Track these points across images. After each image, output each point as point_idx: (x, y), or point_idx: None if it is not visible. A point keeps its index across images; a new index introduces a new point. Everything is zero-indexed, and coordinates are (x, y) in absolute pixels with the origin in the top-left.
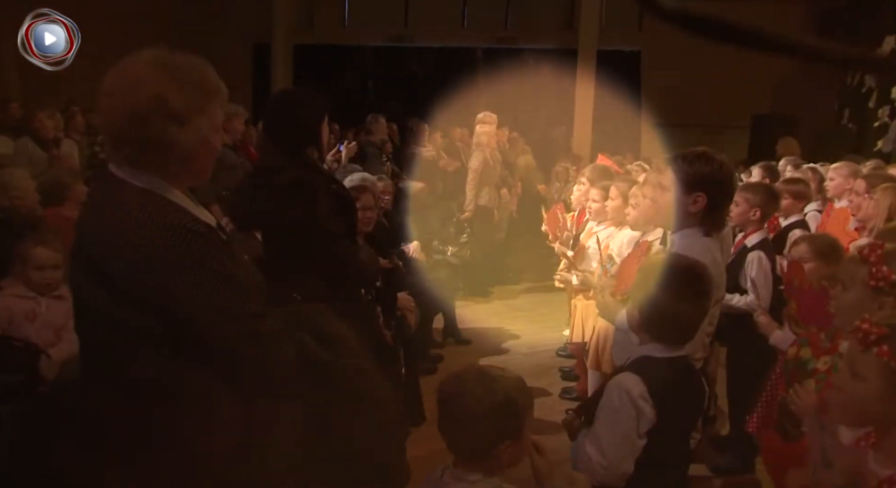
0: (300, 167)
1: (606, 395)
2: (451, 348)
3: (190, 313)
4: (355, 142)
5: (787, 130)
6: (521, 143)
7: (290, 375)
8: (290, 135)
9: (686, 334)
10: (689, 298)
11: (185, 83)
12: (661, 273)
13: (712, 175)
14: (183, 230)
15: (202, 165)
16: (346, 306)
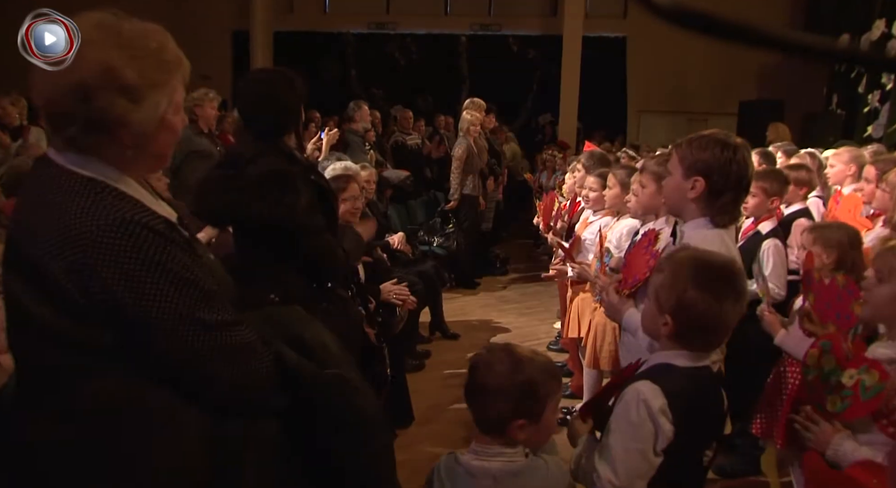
0: (276, 156)
1: (623, 406)
2: (438, 343)
3: (146, 323)
4: (337, 130)
5: (775, 116)
6: (505, 131)
7: (265, 390)
8: (266, 120)
9: (721, 339)
10: (731, 299)
11: (139, 52)
12: (694, 271)
13: (712, 158)
14: (136, 226)
15: (160, 149)
16: (328, 306)
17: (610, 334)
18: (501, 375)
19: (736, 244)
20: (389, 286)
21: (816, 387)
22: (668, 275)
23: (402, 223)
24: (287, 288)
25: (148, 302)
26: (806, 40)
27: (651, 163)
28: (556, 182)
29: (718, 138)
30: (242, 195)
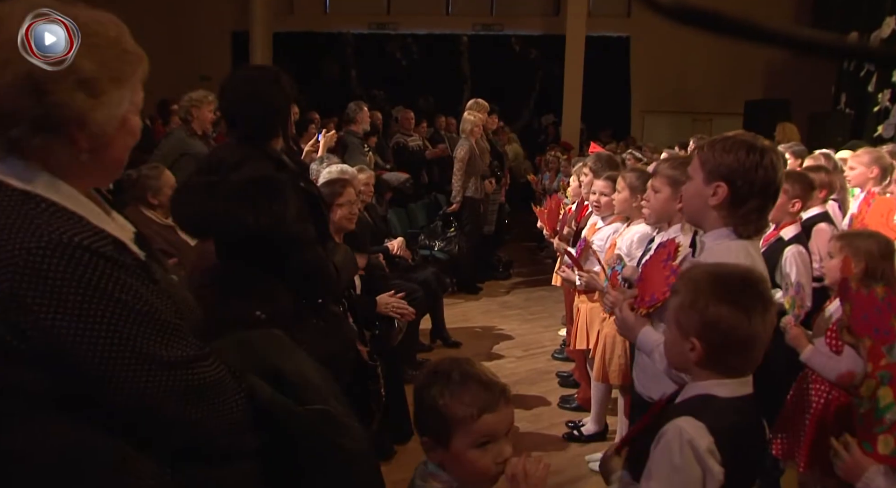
0: (263, 160)
1: (664, 448)
2: (439, 351)
3: (92, 365)
4: (335, 132)
5: (781, 116)
6: (507, 132)
7: (235, 432)
8: (251, 121)
9: (757, 357)
10: (759, 309)
11: (98, 40)
12: (713, 284)
13: (736, 162)
14: (76, 249)
15: (118, 155)
16: (318, 323)
17: (620, 346)
18: (418, 384)
19: (761, 256)
20: (387, 298)
21: (867, 422)
22: (685, 294)
23: (403, 227)
24: (274, 304)
25: (93, 339)
26: (813, 37)
27: (665, 166)
28: (560, 184)
29: (744, 140)
30: (225, 204)
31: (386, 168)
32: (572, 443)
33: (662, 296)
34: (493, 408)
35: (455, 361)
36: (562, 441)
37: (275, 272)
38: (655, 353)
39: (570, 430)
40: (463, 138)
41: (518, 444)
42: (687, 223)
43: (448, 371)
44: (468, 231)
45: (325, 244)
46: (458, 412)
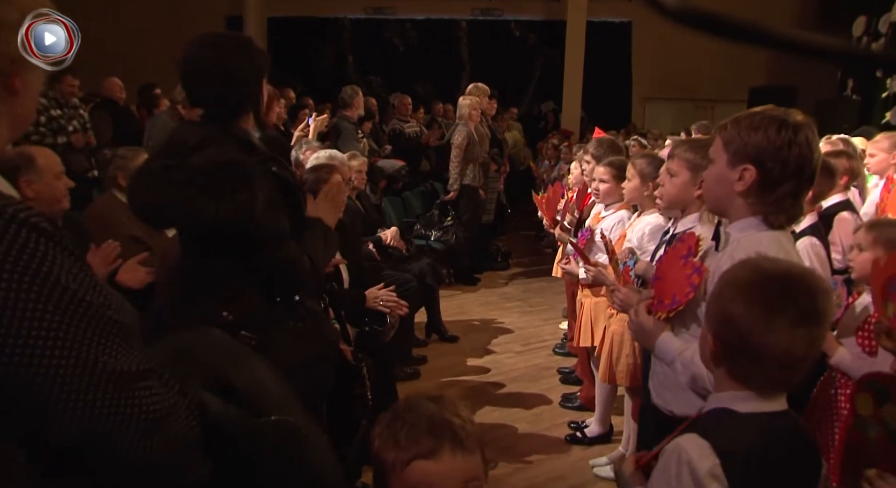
0: (228, 142)
1: (661, 468)
2: (435, 346)
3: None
4: (326, 115)
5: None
6: (507, 118)
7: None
8: (215, 97)
9: (783, 380)
10: (788, 325)
11: None
12: (748, 281)
13: (766, 141)
14: (15, 224)
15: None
16: (295, 324)
17: (628, 345)
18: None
19: (796, 249)
20: (375, 291)
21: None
22: (719, 284)
23: (398, 216)
24: (243, 304)
25: (29, 341)
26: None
27: (683, 148)
28: (559, 171)
29: (774, 115)
30: (184, 191)
31: (382, 154)
32: (575, 446)
33: (684, 298)
34: (433, 455)
35: (419, 399)
36: (564, 443)
37: (244, 268)
38: (677, 364)
39: (572, 432)
40: (461, 124)
41: (518, 447)
42: (707, 212)
43: (401, 409)
44: (466, 220)
45: (300, 236)
46: (388, 456)
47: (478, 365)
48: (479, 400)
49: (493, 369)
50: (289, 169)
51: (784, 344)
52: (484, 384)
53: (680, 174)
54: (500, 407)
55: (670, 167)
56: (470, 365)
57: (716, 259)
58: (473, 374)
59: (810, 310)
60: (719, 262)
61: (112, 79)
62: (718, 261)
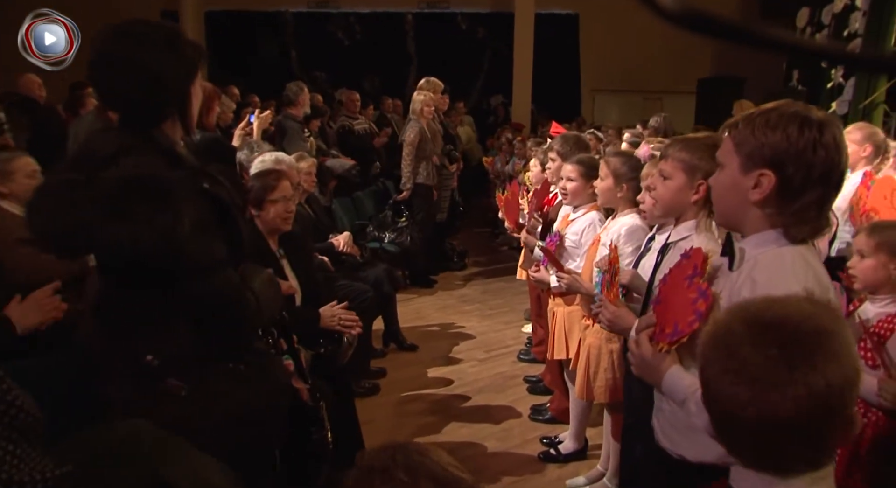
0: (148, 153)
1: None
2: (394, 357)
3: None
4: (270, 112)
5: (735, 94)
6: (459, 113)
7: None
8: (133, 98)
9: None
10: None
11: None
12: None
13: (786, 142)
14: None
15: None
16: (236, 367)
17: (606, 359)
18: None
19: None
20: (331, 309)
21: None
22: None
23: (349, 218)
24: (171, 345)
25: None
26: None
27: (677, 147)
28: (514, 166)
29: (794, 112)
30: (94, 213)
31: (331, 154)
32: (550, 464)
33: (688, 328)
34: None
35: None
36: (538, 461)
37: (171, 303)
38: (690, 404)
39: (546, 449)
40: (413, 120)
41: (489, 467)
42: (705, 220)
43: (391, 468)
44: (420, 220)
45: (240, 265)
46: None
47: (440, 376)
48: (445, 416)
49: (456, 380)
50: (224, 184)
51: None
52: (448, 397)
53: (674, 177)
54: (468, 422)
55: (664, 169)
56: (432, 376)
57: (730, 280)
58: (436, 387)
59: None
60: (735, 284)
61: (28, 75)
62: (734, 282)
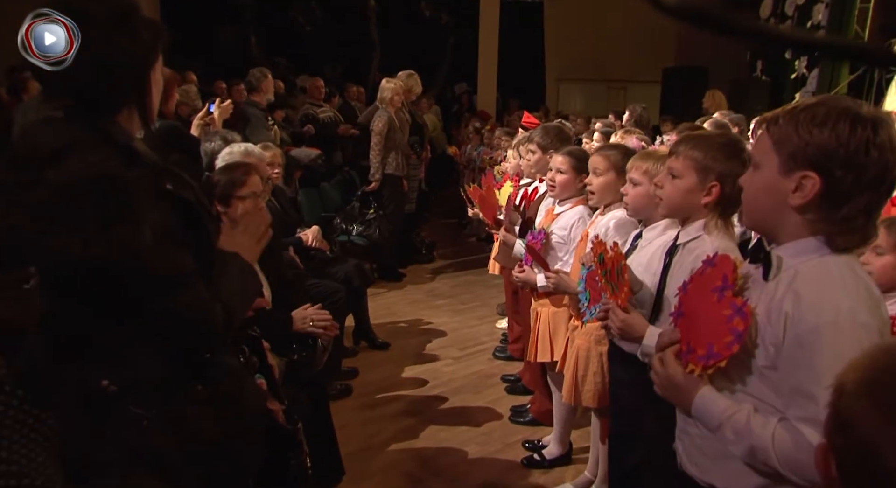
0: (99, 149)
1: None
2: (365, 355)
3: None
4: (230, 101)
5: (700, 84)
6: (429, 101)
7: None
8: (81, 85)
9: None
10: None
11: None
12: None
13: (835, 141)
14: None
15: None
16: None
17: (595, 362)
18: None
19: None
20: (303, 312)
21: None
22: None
23: (315, 210)
24: (130, 367)
25: None
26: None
27: (689, 144)
28: (481, 155)
29: (845, 108)
30: (35, 220)
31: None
32: (534, 470)
33: (726, 351)
34: None
35: None
36: (521, 467)
37: (130, 320)
38: (726, 431)
39: (529, 454)
40: (381, 109)
41: (471, 475)
42: (716, 220)
43: None
44: (390, 212)
45: (210, 273)
46: None
47: (414, 375)
48: (422, 419)
49: (431, 380)
50: (190, 184)
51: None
52: (424, 398)
53: (685, 176)
54: (446, 425)
55: (674, 166)
56: (406, 376)
57: (766, 292)
58: (411, 387)
59: None
60: (774, 298)
61: None
62: (772, 295)
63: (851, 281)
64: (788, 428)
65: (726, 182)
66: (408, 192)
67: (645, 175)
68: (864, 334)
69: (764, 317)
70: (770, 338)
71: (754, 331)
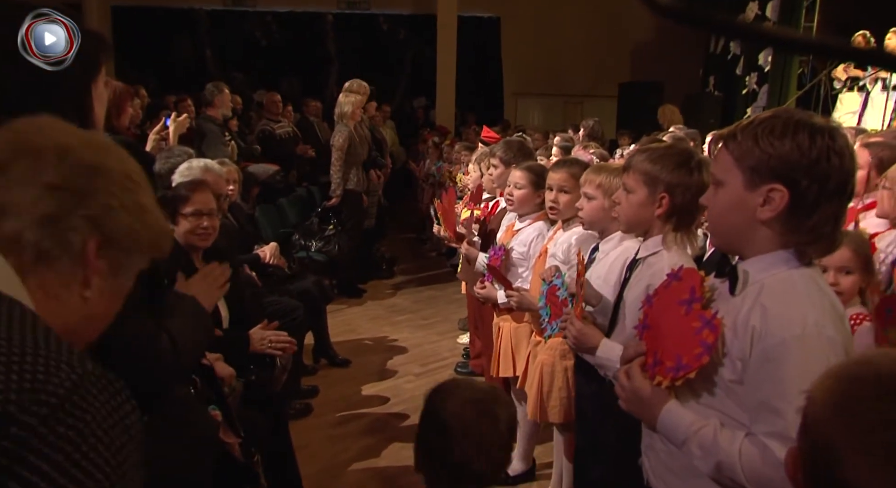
0: None
1: None
2: (325, 373)
3: None
4: (186, 115)
5: (655, 98)
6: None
7: None
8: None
9: None
10: None
11: None
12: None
13: (797, 153)
14: None
15: None
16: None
17: (560, 378)
18: None
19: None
20: (261, 332)
21: None
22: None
23: (273, 226)
24: None
25: None
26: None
27: (640, 157)
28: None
29: (800, 119)
30: None
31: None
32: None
33: (696, 363)
34: None
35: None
36: None
37: None
38: (692, 446)
39: None
40: (341, 124)
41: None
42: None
43: None
44: (350, 228)
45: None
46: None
47: (376, 393)
48: (384, 437)
49: (393, 397)
50: None
51: None
52: (386, 416)
53: (637, 191)
54: (409, 443)
55: (626, 182)
56: (367, 394)
57: (732, 305)
58: (372, 405)
59: None
60: (740, 311)
61: None
62: (738, 308)
63: (817, 295)
64: (755, 442)
65: (675, 192)
66: (368, 207)
67: (598, 189)
68: (830, 349)
69: (730, 330)
70: (737, 352)
71: (721, 345)
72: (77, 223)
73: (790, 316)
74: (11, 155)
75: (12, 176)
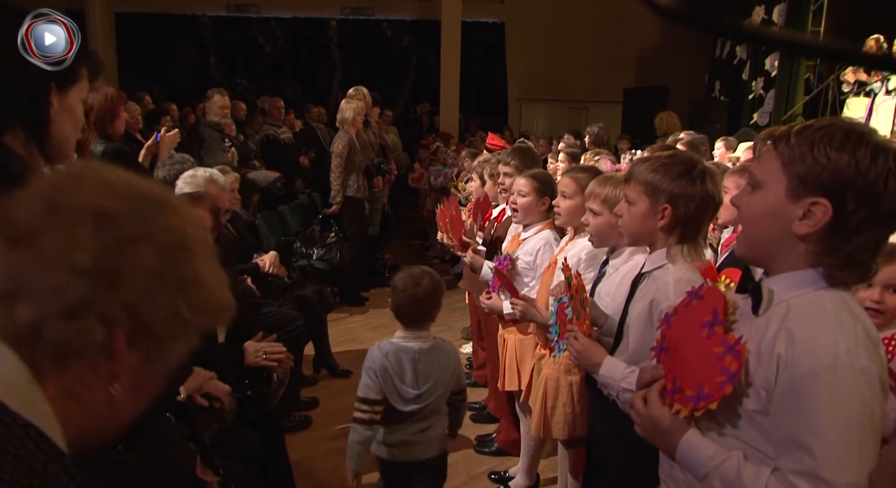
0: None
1: None
2: (326, 384)
3: None
4: (177, 130)
5: (660, 104)
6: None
7: None
8: None
9: None
10: None
11: None
12: None
13: (851, 166)
14: None
15: None
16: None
17: (565, 392)
18: None
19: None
20: (256, 344)
21: None
22: None
23: (275, 234)
24: None
25: None
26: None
27: (643, 166)
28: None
29: (863, 134)
30: None
31: (255, 165)
32: None
33: (718, 392)
34: None
35: None
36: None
37: None
38: (714, 480)
39: (496, 486)
40: (341, 130)
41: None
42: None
43: None
44: (351, 235)
45: None
46: None
47: None
48: None
49: None
50: None
51: None
52: None
53: (638, 202)
54: None
55: (628, 193)
56: None
57: (755, 326)
58: None
59: None
60: (765, 335)
61: None
62: (763, 331)
63: (849, 320)
64: (782, 481)
65: (677, 203)
66: (371, 214)
67: (604, 204)
68: (863, 380)
69: (754, 357)
70: (761, 380)
71: (744, 374)
72: (107, 312)
73: (820, 343)
74: (44, 222)
75: (39, 250)
